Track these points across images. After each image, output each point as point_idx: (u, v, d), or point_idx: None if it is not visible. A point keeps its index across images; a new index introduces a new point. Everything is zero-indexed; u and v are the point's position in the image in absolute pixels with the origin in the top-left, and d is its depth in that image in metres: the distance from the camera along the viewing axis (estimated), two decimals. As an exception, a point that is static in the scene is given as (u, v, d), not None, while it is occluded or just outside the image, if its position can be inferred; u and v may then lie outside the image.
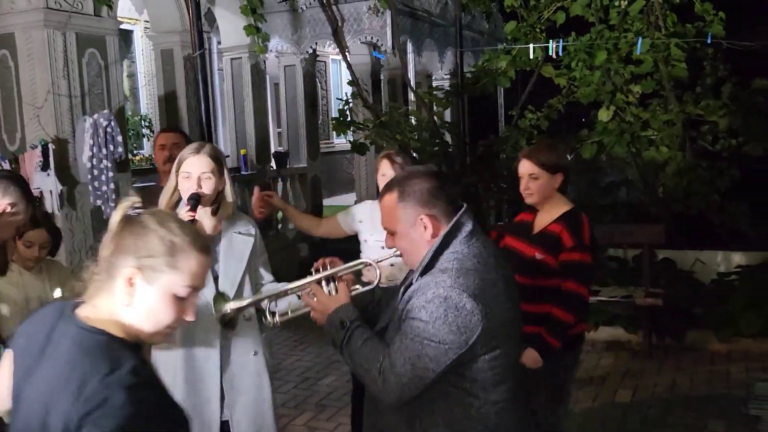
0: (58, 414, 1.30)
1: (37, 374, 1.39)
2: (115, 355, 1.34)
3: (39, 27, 5.51)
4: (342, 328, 1.86)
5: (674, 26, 6.28)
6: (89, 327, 1.37)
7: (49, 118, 5.55)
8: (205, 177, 2.48)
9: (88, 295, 1.43)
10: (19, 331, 1.51)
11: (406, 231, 1.85)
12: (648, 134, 6.44)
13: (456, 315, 1.70)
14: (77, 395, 1.28)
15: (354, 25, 8.07)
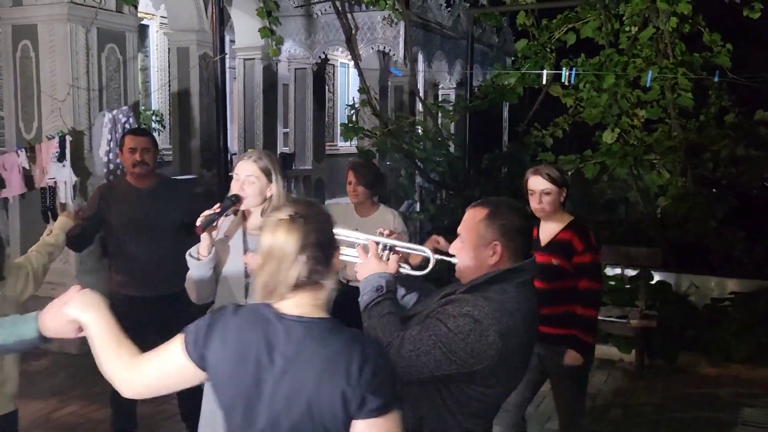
0: (329, 399, 1.44)
1: (283, 373, 1.48)
2: (351, 333, 1.53)
3: (62, 20, 5.62)
4: (376, 291, 1.98)
5: (682, 55, 6.42)
6: (316, 319, 1.53)
7: (67, 111, 5.66)
8: (249, 180, 2.62)
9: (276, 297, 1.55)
10: (212, 348, 1.54)
11: (475, 246, 1.96)
12: (650, 158, 6.59)
13: (476, 340, 1.81)
14: (349, 375, 1.44)
15: (367, 33, 8.19)
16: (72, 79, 5.61)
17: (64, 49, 5.62)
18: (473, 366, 1.82)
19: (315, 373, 1.46)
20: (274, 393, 1.49)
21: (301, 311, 1.53)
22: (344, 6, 7.88)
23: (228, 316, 1.57)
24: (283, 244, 1.51)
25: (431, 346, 1.82)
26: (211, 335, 1.55)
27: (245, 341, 1.52)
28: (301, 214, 1.54)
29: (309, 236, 1.52)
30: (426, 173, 7.94)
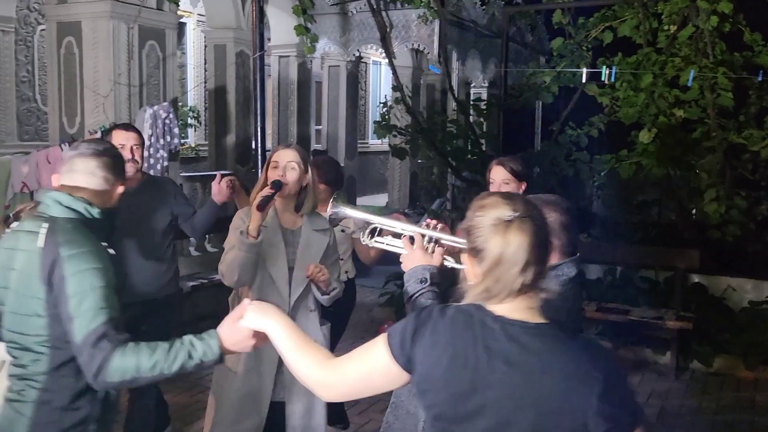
0: (572, 411, 1.35)
1: (508, 380, 1.39)
2: (584, 340, 1.47)
3: (105, 18, 5.75)
4: (421, 283, 2.00)
5: (722, 54, 6.32)
6: (541, 324, 1.44)
7: (109, 106, 5.78)
8: (290, 167, 2.71)
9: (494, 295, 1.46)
10: (421, 351, 1.47)
11: None
12: (688, 159, 6.50)
13: None
14: (597, 387, 1.36)
15: (402, 32, 8.21)
16: (114, 75, 5.73)
17: (107, 45, 5.75)
18: None
19: (555, 383, 1.37)
20: (498, 400, 1.40)
21: (520, 315, 1.44)
22: (379, 4, 7.91)
23: (436, 318, 1.48)
24: (516, 249, 1.41)
25: None
26: (419, 338, 1.47)
27: (459, 344, 1.43)
28: (527, 213, 1.44)
29: (537, 237, 1.43)
30: (458, 171, 7.94)
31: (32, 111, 8.27)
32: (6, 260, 1.98)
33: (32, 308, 1.90)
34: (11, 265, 1.96)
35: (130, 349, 1.80)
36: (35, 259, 1.89)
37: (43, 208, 1.98)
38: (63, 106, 6.04)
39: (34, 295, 1.89)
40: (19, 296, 1.92)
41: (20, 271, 1.93)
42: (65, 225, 1.93)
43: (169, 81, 6.31)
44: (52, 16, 6.03)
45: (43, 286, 1.87)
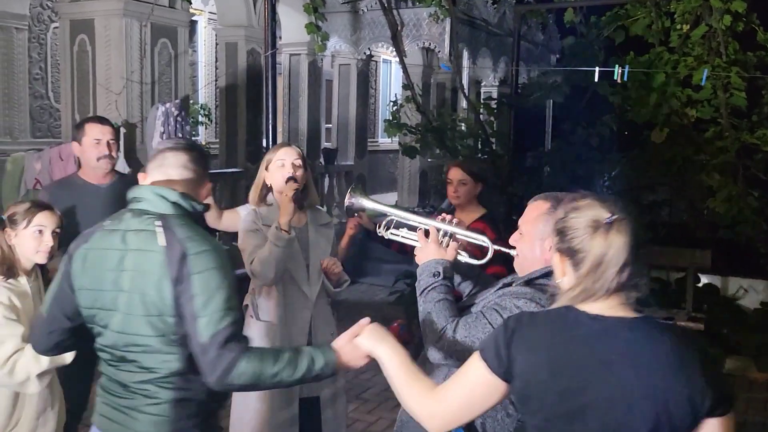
0: (679, 400, 1.37)
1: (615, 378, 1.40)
2: (673, 328, 1.54)
3: (118, 15, 5.78)
4: (434, 276, 2.01)
5: (735, 54, 6.28)
6: (636, 318, 1.45)
7: (121, 103, 5.82)
8: (297, 164, 2.77)
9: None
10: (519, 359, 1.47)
11: (533, 239, 1.93)
12: (700, 159, 6.47)
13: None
14: (697, 372, 1.39)
15: (413, 30, 8.20)
16: (127, 72, 5.76)
17: (120, 43, 5.78)
18: None
19: (665, 372, 1.38)
20: (609, 396, 1.39)
21: (614, 312, 1.45)
22: (390, 2, 7.91)
23: (528, 323, 1.50)
24: (617, 250, 1.42)
25: (486, 333, 1.82)
26: (515, 345, 1.47)
27: (559, 346, 1.45)
28: (625, 214, 1.46)
29: (635, 237, 1.44)
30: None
31: (45, 108, 8.32)
32: (110, 262, 1.86)
33: (157, 308, 1.80)
34: (121, 266, 1.84)
35: (255, 354, 1.77)
36: (157, 258, 1.80)
37: (143, 205, 1.87)
38: (75, 103, 6.08)
39: (159, 295, 1.79)
40: (137, 297, 1.82)
41: (136, 271, 1.82)
42: (178, 221, 1.86)
43: (180, 79, 6.34)
44: (65, 14, 6.07)
45: (172, 285, 1.78)
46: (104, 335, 1.89)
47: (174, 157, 1.93)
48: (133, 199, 1.91)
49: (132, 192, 1.92)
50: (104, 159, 3.20)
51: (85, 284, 1.89)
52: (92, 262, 1.88)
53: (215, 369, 1.75)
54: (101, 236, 1.90)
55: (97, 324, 1.90)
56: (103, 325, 1.88)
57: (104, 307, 1.87)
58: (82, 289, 1.90)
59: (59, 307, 1.95)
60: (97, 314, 1.89)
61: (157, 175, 1.92)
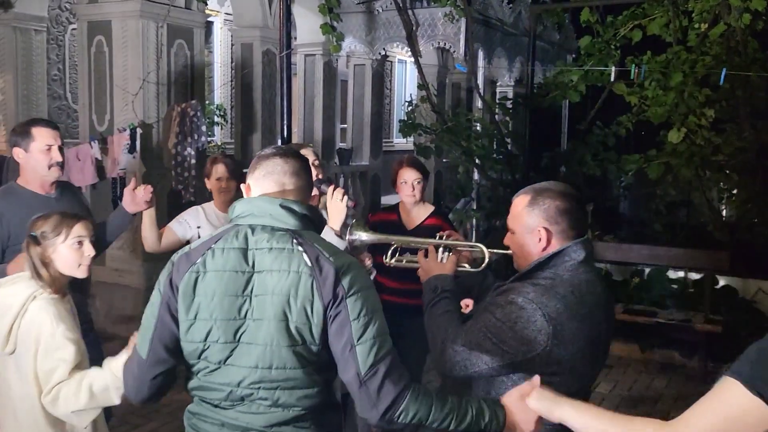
0: None
1: None
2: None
3: (135, 17, 5.81)
4: (433, 292, 2.03)
5: (755, 53, 6.21)
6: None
7: (138, 104, 5.85)
8: (317, 164, 2.84)
9: None
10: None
11: (522, 235, 1.94)
12: (718, 159, 6.39)
13: (524, 326, 1.78)
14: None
15: (428, 30, 8.19)
16: (143, 73, 5.80)
17: (136, 44, 5.82)
18: (526, 354, 1.78)
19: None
20: None
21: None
22: (405, 2, 7.90)
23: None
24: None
25: (482, 337, 1.81)
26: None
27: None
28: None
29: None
30: (484, 171, 7.90)
31: (63, 109, 8.41)
32: (231, 286, 1.62)
33: (303, 336, 1.60)
34: (247, 290, 1.62)
35: (420, 391, 1.61)
36: (301, 280, 1.59)
37: (266, 220, 1.67)
38: (93, 104, 6.13)
39: (306, 321, 1.59)
40: (276, 325, 1.60)
41: (273, 295, 1.60)
42: (312, 237, 1.69)
43: (196, 79, 6.37)
44: (83, 16, 6.12)
45: (323, 309, 1.59)
46: (219, 372, 1.64)
47: (286, 165, 1.72)
48: (249, 214, 1.69)
49: (245, 205, 1.71)
50: (55, 167, 2.92)
51: (197, 314, 1.63)
52: (206, 288, 1.62)
53: (378, 403, 1.57)
54: (215, 257, 1.65)
55: (207, 360, 1.64)
56: (217, 360, 1.63)
57: (222, 340, 1.62)
58: (194, 320, 1.63)
59: (162, 345, 1.67)
60: (210, 348, 1.63)
61: (268, 185, 1.71)
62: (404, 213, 3.59)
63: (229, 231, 1.69)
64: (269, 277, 1.61)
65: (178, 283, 1.64)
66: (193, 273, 1.64)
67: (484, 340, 1.80)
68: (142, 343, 1.70)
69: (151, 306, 1.70)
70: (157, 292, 1.69)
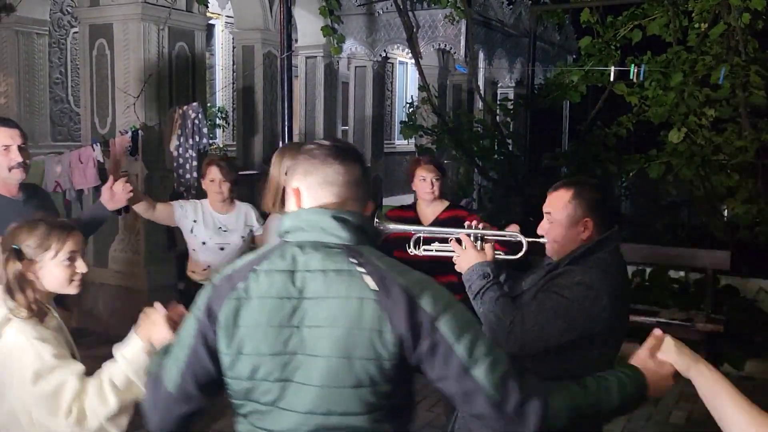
0: None
1: None
2: None
3: (136, 20, 5.83)
4: (484, 278, 2.12)
5: (755, 52, 6.22)
6: None
7: (139, 107, 5.87)
8: None
9: None
10: None
11: (565, 224, 2.12)
12: (719, 159, 6.40)
13: (592, 305, 1.98)
14: None
15: (429, 32, 8.21)
16: (145, 76, 5.82)
17: (138, 47, 5.84)
18: (592, 329, 1.99)
19: None
20: None
21: None
22: (406, 4, 7.92)
23: None
24: None
25: (552, 317, 1.98)
26: None
27: None
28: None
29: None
30: (485, 171, 7.92)
31: (65, 112, 8.44)
32: (277, 315, 1.37)
33: (370, 375, 1.34)
34: (294, 320, 1.37)
35: (556, 387, 1.42)
36: (365, 306, 1.34)
37: (316, 236, 1.42)
38: (95, 106, 6.15)
39: (377, 356, 1.34)
40: (338, 363, 1.34)
41: (330, 327, 1.35)
42: (372, 253, 1.44)
43: (198, 82, 6.39)
44: (84, 19, 6.14)
45: (396, 342, 1.34)
46: (270, 416, 1.40)
47: (348, 174, 1.46)
48: (298, 229, 1.44)
49: (293, 219, 1.46)
50: (17, 169, 2.73)
51: (242, 348, 1.39)
52: (250, 318, 1.38)
53: (528, 418, 1.35)
54: (259, 281, 1.40)
55: (257, 401, 1.40)
56: (268, 401, 1.39)
57: (271, 377, 1.38)
58: (238, 355, 1.39)
59: (194, 380, 1.43)
60: (258, 387, 1.39)
61: (325, 196, 1.45)
62: (421, 210, 3.66)
63: (275, 250, 1.45)
64: (323, 306, 1.36)
65: (218, 312, 1.40)
66: (234, 300, 1.39)
67: (556, 319, 1.98)
68: (170, 374, 1.45)
69: (184, 333, 1.46)
70: (193, 319, 1.45)
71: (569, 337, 1.99)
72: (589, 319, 1.99)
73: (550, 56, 11.05)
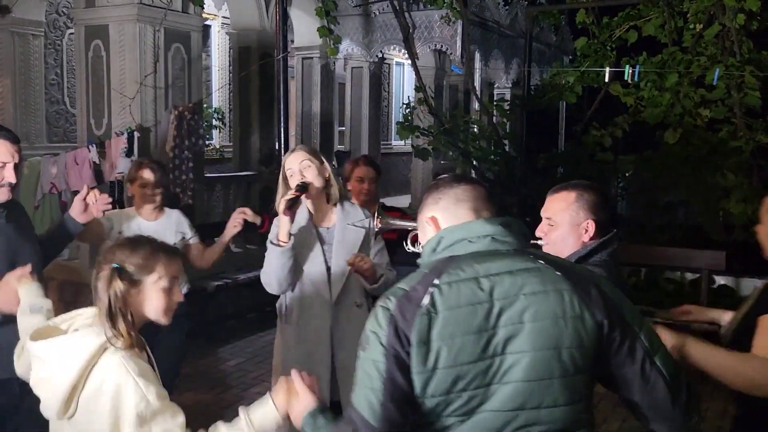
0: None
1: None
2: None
3: (132, 21, 5.83)
4: None
5: (749, 53, 6.24)
6: None
7: (135, 108, 5.87)
8: (305, 165, 2.70)
9: None
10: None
11: (565, 227, 2.14)
12: (714, 159, 6.42)
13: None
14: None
15: (425, 32, 8.22)
16: (140, 77, 5.82)
17: (133, 48, 5.84)
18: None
19: None
20: None
21: None
22: (402, 5, 7.93)
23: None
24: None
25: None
26: None
27: None
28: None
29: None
30: (481, 172, 7.93)
31: (61, 113, 8.44)
32: (474, 321, 1.38)
33: (575, 364, 1.40)
34: (499, 322, 1.39)
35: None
36: (564, 297, 1.41)
37: (487, 244, 1.49)
38: (91, 108, 6.15)
39: (577, 345, 1.40)
40: (543, 355, 1.38)
41: (539, 320, 1.39)
42: (542, 252, 1.82)
43: (194, 83, 6.39)
44: (80, 20, 6.14)
45: (595, 329, 1.42)
46: (468, 425, 1.40)
47: (475, 190, 1.60)
48: (462, 240, 1.50)
49: (453, 233, 1.53)
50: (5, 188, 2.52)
51: (437, 363, 1.38)
52: (443, 331, 1.38)
53: (690, 409, 1.51)
54: (443, 294, 1.41)
55: (453, 414, 1.40)
56: (466, 411, 1.40)
57: (472, 386, 1.39)
58: (433, 371, 1.38)
59: (396, 408, 1.38)
60: (456, 399, 1.39)
61: (463, 214, 1.56)
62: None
63: (446, 265, 1.46)
64: (519, 303, 1.40)
65: (409, 332, 1.37)
66: (424, 316, 1.38)
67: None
68: (369, 409, 1.38)
69: (369, 362, 1.40)
70: (376, 346, 1.40)
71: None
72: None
73: (547, 57, 11.07)
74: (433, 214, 1.58)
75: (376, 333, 1.41)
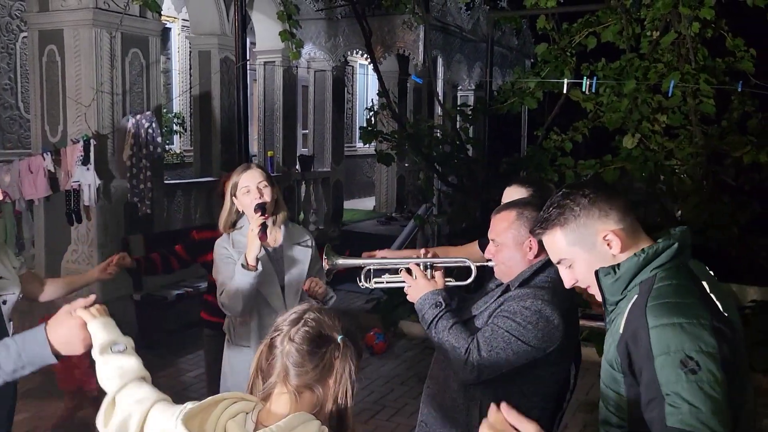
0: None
1: None
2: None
3: (87, 26, 5.71)
4: (436, 307, 2.11)
5: (705, 60, 6.36)
6: None
7: (92, 115, 5.75)
8: (263, 186, 2.71)
9: None
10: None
11: (510, 247, 2.13)
12: (672, 164, 6.54)
13: (545, 325, 2.00)
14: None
15: (387, 37, 8.22)
16: (97, 83, 5.69)
17: (89, 53, 5.72)
18: (547, 349, 2.02)
19: None
20: None
21: None
22: (364, 10, 7.91)
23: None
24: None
25: (507, 342, 2.00)
26: None
27: None
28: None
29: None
30: (444, 176, 7.95)
31: (15, 119, 8.21)
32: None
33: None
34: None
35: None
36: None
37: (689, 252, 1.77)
38: (45, 114, 6.00)
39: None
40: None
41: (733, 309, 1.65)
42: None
43: (152, 88, 6.28)
44: (33, 24, 5.99)
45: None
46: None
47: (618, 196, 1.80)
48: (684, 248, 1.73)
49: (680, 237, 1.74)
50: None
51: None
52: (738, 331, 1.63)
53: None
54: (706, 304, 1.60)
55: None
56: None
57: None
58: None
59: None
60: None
61: (635, 222, 1.77)
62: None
63: (667, 274, 1.65)
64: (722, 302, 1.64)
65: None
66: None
67: (511, 344, 2.00)
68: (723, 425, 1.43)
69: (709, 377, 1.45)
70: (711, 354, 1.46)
71: (524, 361, 2.02)
72: (544, 340, 2.01)
73: (509, 60, 11.16)
74: (615, 227, 1.68)
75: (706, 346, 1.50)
